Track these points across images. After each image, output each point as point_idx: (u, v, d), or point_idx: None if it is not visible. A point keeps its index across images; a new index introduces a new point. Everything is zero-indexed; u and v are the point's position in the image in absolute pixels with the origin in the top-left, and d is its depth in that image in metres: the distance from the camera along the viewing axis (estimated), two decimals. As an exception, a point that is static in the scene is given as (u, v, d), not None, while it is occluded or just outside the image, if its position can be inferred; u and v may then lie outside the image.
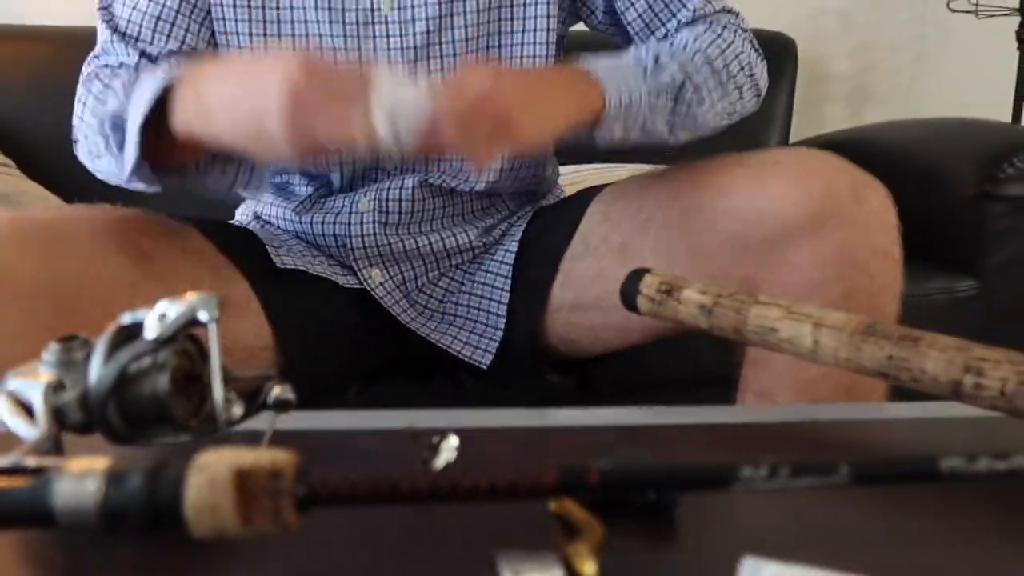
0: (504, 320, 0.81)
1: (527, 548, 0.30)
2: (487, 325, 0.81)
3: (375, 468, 0.30)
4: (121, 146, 0.67)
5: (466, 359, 0.80)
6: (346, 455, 0.40)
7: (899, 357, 0.40)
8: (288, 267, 0.78)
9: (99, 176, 0.74)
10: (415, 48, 0.76)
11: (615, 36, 0.85)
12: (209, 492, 0.26)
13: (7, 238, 0.61)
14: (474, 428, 0.38)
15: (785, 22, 1.74)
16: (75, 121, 0.73)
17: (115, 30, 0.76)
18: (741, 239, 0.66)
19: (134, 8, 0.75)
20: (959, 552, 0.31)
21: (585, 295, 0.77)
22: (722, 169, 0.70)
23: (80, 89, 0.74)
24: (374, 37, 0.76)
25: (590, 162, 1.36)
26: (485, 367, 0.80)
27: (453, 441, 0.36)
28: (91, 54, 0.77)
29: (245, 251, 0.76)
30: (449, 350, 0.80)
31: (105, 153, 0.70)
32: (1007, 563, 0.31)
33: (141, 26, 0.75)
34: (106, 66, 0.75)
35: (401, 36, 0.76)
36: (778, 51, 1.61)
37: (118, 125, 0.67)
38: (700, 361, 0.87)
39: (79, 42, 1.42)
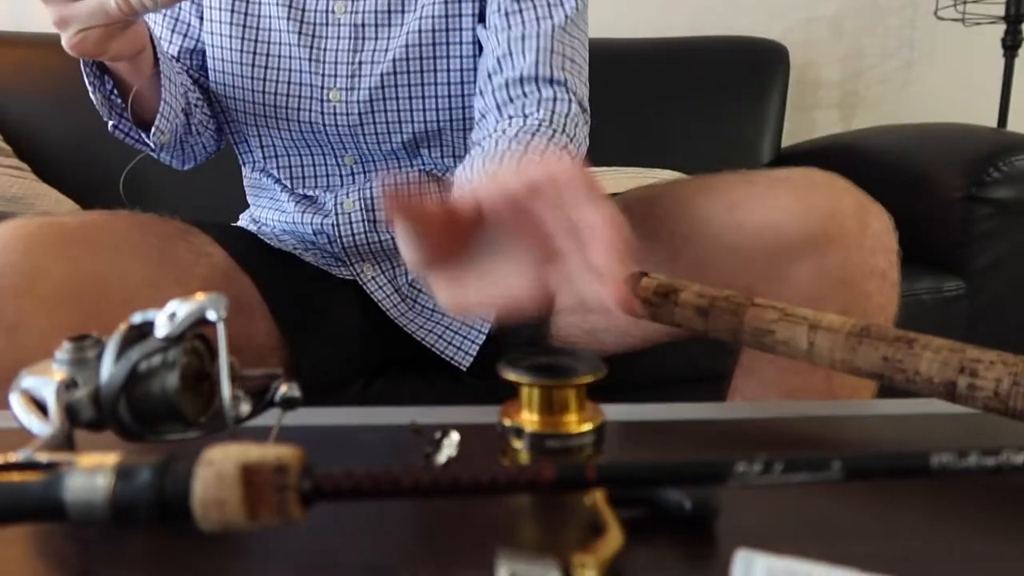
0: (489, 325, 0.82)
1: (527, 541, 0.31)
2: (471, 327, 0.83)
3: (378, 463, 0.30)
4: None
5: (448, 359, 0.81)
6: (350, 450, 0.40)
7: (894, 359, 0.40)
8: (287, 250, 0.82)
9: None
10: (362, 51, 0.79)
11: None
12: (216, 487, 0.27)
13: (39, 242, 0.62)
14: (475, 424, 0.39)
15: (778, 30, 1.76)
16: None
17: None
18: (744, 251, 0.67)
19: (154, 22, 0.81)
20: (948, 545, 0.32)
21: None
22: (731, 186, 0.71)
23: None
24: (327, 38, 0.79)
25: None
26: (465, 368, 0.81)
27: (454, 437, 0.36)
28: None
29: (250, 254, 0.79)
30: (433, 349, 0.81)
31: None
32: (995, 555, 0.31)
33: (163, 27, 0.82)
34: None
35: (351, 39, 0.78)
36: (771, 58, 1.63)
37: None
38: (695, 360, 0.88)
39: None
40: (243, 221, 0.92)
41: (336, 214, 0.82)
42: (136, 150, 0.81)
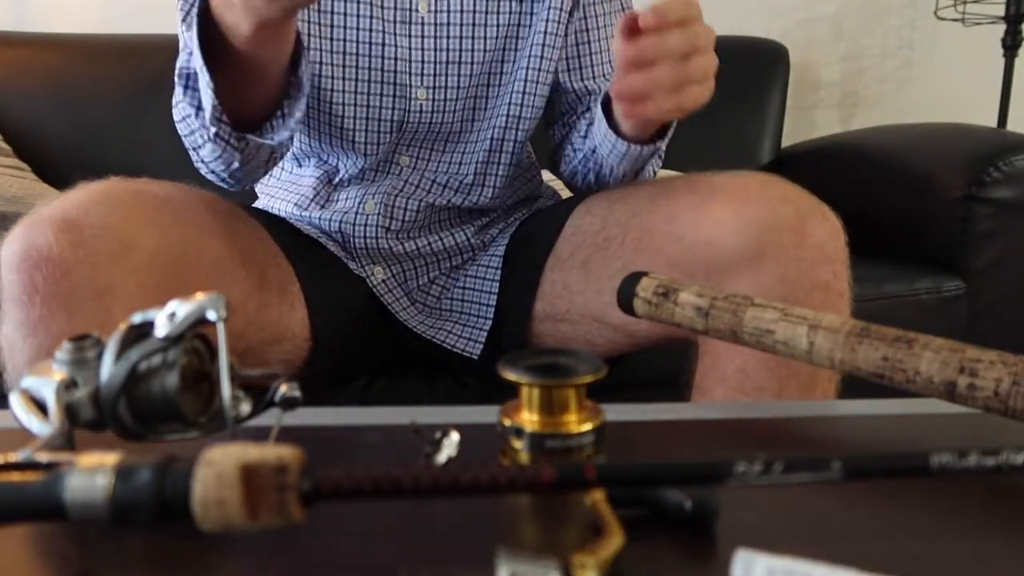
0: (493, 310, 0.82)
1: (527, 541, 0.31)
2: (477, 317, 0.83)
3: (379, 463, 0.30)
4: (197, 97, 0.68)
5: (459, 352, 0.81)
6: (351, 450, 0.40)
7: (894, 359, 0.40)
8: (313, 237, 0.81)
9: (206, 173, 0.76)
10: (447, 51, 0.78)
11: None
12: (216, 486, 0.27)
13: (133, 211, 0.62)
14: (475, 424, 0.39)
15: (778, 30, 1.77)
16: (178, 126, 0.74)
17: None
18: (686, 266, 0.66)
19: None
20: (948, 545, 0.32)
21: (554, 308, 0.78)
22: (674, 194, 0.71)
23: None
24: (410, 36, 0.78)
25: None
26: (476, 357, 0.81)
27: (455, 437, 0.36)
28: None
29: (288, 239, 0.78)
30: (443, 344, 0.81)
31: (194, 121, 0.70)
32: (995, 555, 0.31)
33: None
34: None
35: (435, 37, 0.78)
36: (771, 58, 1.63)
37: (190, 75, 0.68)
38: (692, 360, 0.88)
39: (93, 49, 1.43)
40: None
41: (355, 213, 0.81)
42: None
